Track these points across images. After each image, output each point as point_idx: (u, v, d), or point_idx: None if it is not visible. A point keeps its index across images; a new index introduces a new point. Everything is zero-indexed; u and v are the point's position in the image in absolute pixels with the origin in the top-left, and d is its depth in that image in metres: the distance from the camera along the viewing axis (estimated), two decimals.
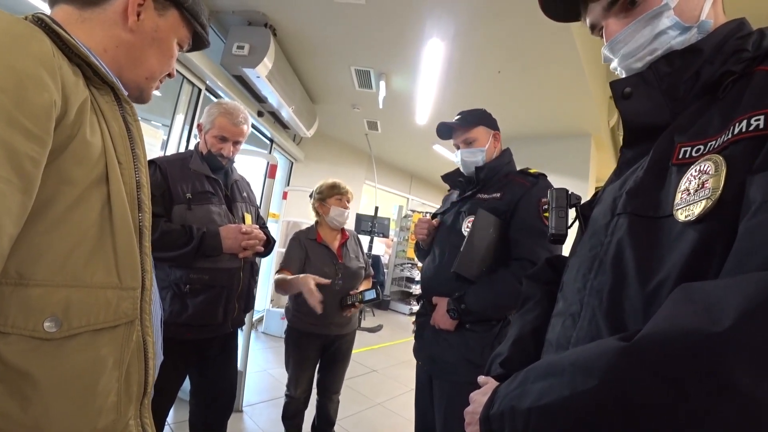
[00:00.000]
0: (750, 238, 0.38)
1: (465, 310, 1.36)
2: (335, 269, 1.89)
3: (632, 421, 0.36)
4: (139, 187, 0.60)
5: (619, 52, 0.62)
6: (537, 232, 1.33)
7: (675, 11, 0.56)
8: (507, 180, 1.46)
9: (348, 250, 2.00)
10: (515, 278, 1.30)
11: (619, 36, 0.60)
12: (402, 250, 7.38)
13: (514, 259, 1.35)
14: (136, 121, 0.64)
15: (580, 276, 0.59)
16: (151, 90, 0.72)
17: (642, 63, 0.60)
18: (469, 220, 1.43)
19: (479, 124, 1.52)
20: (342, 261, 1.93)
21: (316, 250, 1.92)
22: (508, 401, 0.49)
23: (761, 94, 0.45)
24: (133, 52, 0.65)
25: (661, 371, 0.35)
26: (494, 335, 1.36)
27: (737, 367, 0.31)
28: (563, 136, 4.54)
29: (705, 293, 0.36)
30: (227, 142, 1.52)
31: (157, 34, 0.67)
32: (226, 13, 2.91)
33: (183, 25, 0.71)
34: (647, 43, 0.58)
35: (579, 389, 0.40)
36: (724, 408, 0.31)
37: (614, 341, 0.41)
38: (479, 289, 1.36)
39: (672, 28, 0.56)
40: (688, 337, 0.34)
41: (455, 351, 1.38)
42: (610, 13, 0.61)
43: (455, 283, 1.39)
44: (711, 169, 0.45)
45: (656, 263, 0.47)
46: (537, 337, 0.70)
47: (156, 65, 0.69)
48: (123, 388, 0.57)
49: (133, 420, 0.59)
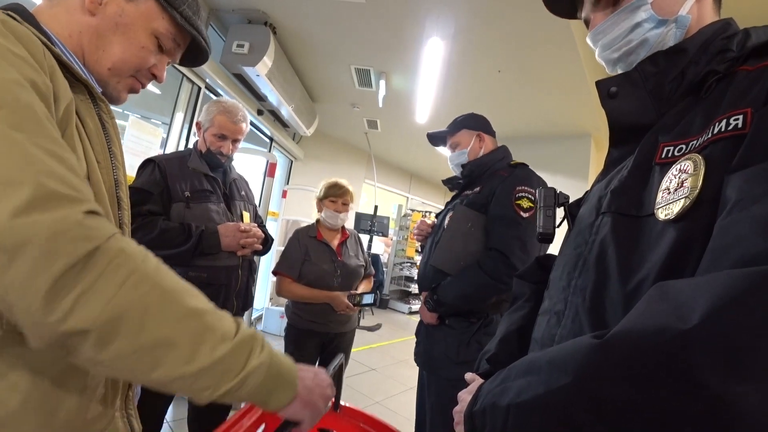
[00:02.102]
0: (723, 237, 0.38)
1: (437, 301, 1.40)
2: (334, 267, 1.90)
3: (604, 418, 0.36)
4: (117, 185, 0.61)
5: (598, 43, 0.65)
6: (508, 222, 1.33)
7: (653, 6, 0.58)
8: (492, 175, 1.49)
9: (347, 249, 2.01)
10: (482, 269, 1.32)
11: (599, 27, 0.63)
12: (401, 249, 7.38)
13: (487, 250, 1.36)
14: (112, 119, 0.63)
15: (565, 274, 0.60)
16: (119, 87, 0.65)
17: (618, 53, 0.62)
18: (449, 216, 1.48)
19: (462, 128, 1.59)
20: (341, 259, 1.94)
21: (316, 247, 1.93)
22: (490, 398, 0.50)
23: (741, 94, 0.46)
24: (95, 37, 0.60)
25: (630, 368, 0.35)
26: (472, 333, 1.37)
27: (704, 364, 0.31)
28: (563, 135, 4.53)
29: (677, 292, 0.36)
30: (226, 140, 1.53)
31: (122, 20, 0.61)
32: (225, 11, 2.91)
33: (161, 15, 0.64)
34: (624, 34, 0.61)
35: (554, 386, 0.40)
36: (691, 406, 0.31)
37: (588, 339, 0.41)
38: (450, 280, 1.39)
39: (647, 21, 0.59)
40: (656, 334, 0.34)
41: (438, 346, 1.42)
42: (598, 7, 0.64)
43: (437, 276, 1.43)
44: (690, 168, 0.45)
45: (637, 262, 0.48)
46: (524, 335, 0.71)
47: (119, 54, 0.61)
48: (110, 381, 0.57)
49: (119, 411, 0.60)
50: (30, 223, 0.37)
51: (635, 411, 0.34)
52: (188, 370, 0.45)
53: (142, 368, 0.44)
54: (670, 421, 0.33)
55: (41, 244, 0.37)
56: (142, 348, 0.43)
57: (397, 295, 7.36)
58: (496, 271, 1.29)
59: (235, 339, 0.49)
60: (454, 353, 1.36)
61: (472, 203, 1.44)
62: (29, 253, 0.37)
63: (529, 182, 1.38)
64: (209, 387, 0.47)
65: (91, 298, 0.39)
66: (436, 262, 1.43)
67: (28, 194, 0.38)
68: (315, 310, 1.84)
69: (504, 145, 1.60)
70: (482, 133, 1.58)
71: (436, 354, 1.42)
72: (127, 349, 0.42)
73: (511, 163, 1.51)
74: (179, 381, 0.45)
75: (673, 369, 0.32)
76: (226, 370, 0.48)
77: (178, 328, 0.45)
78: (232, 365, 0.48)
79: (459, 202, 1.50)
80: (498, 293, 1.33)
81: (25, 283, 0.37)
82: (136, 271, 0.43)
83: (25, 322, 0.39)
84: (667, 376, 0.32)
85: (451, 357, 1.36)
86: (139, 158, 1.61)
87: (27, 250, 0.37)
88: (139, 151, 2.32)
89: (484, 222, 1.39)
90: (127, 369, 0.44)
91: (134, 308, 0.42)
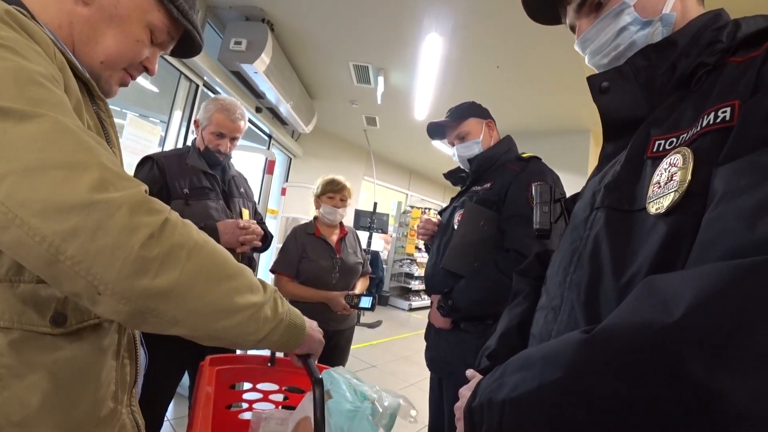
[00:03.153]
0: (710, 230, 0.39)
1: (452, 307, 1.32)
2: (333, 263, 1.89)
3: (595, 412, 0.37)
4: None
5: (587, 49, 0.65)
6: (525, 221, 1.24)
7: (636, 8, 0.59)
8: (502, 168, 1.41)
9: (346, 245, 2.00)
10: (501, 271, 1.25)
11: (586, 34, 0.64)
12: (401, 246, 7.39)
13: (504, 251, 1.30)
14: (110, 117, 0.62)
15: (561, 270, 0.61)
16: (111, 80, 0.64)
17: (608, 59, 0.63)
18: (459, 214, 1.40)
19: (469, 116, 1.49)
20: (340, 255, 1.93)
21: (315, 244, 1.92)
22: (487, 393, 0.50)
23: (730, 86, 0.45)
24: (87, 29, 0.58)
25: (617, 362, 0.35)
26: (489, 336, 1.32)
27: (689, 356, 0.31)
28: (562, 131, 4.53)
29: (663, 286, 0.36)
30: (224, 138, 1.52)
31: (117, 11, 0.59)
32: (223, 8, 2.90)
33: (157, 8, 0.62)
34: (611, 39, 0.61)
35: (546, 381, 0.41)
36: (679, 398, 0.32)
37: (577, 334, 0.41)
38: (466, 284, 1.32)
39: (632, 24, 0.59)
40: (643, 328, 0.34)
41: (453, 351, 1.36)
42: (581, 14, 0.65)
43: (448, 279, 1.37)
44: (680, 161, 0.45)
45: (630, 256, 0.48)
46: (523, 331, 0.71)
47: (113, 47, 0.60)
48: (119, 378, 0.58)
49: (125, 408, 0.61)
50: (109, 199, 0.41)
51: (625, 404, 0.34)
52: (240, 318, 0.52)
53: (210, 320, 0.49)
54: (659, 413, 0.33)
55: (124, 215, 0.42)
56: (212, 302, 0.49)
57: (397, 292, 7.37)
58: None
59: (266, 291, 0.58)
60: (472, 358, 1.30)
61: (483, 200, 1.36)
62: (115, 224, 0.41)
63: (543, 178, 1.32)
64: (255, 331, 0.55)
65: (171, 261, 0.45)
66: (448, 264, 1.35)
67: (97, 175, 0.41)
68: (314, 309, 1.82)
69: (508, 135, 1.53)
70: (491, 121, 1.50)
71: (451, 359, 1.35)
72: (200, 303, 0.48)
73: (523, 156, 1.42)
74: (235, 329, 0.52)
75: (659, 362, 0.33)
76: (266, 316, 0.56)
77: (235, 282, 0.52)
78: (268, 312, 0.57)
79: (468, 199, 1.42)
80: None
81: (114, 252, 0.41)
82: (198, 237, 0.49)
83: (114, 289, 0.42)
84: (653, 370, 0.33)
85: (469, 362, 1.27)
86: (137, 156, 1.61)
87: (112, 222, 0.41)
88: (137, 149, 2.32)
89: (496, 220, 1.32)
90: (199, 323, 0.49)
91: (203, 268, 0.48)
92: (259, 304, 0.55)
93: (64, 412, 0.49)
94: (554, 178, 1.37)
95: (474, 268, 1.32)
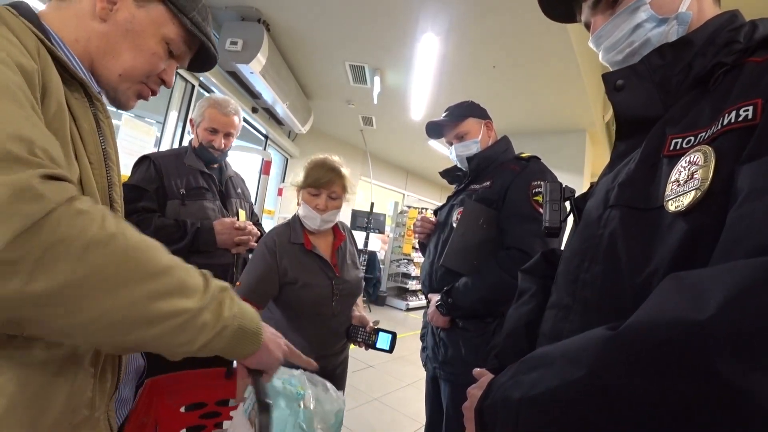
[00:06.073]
0: (736, 227, 0.38)
1: (453, 305, 1.32)
2: (332, 286, 1.32)
3: (619, 410, 0.36)
4: (110, 185, 0.60)
5: (601, 46, 0.65)
6: (526, 219, 1.27)
7: (652, 5, 0.59)
8: (501, 168, 1.42)
9: (345, 256, 1.44)
10: (502, 269, 1.25)
11: (601, 30, 0.64)
12: (398, 246, 7.39)
13: (504, 249, 1.30)
14: (108, 118, 0.62)
15: (572, 268, 0.60)
16: (128, 93, 0.65)
17: (622, 55, 0.63)
18: (458, 212, 1.41)
19: (468, 116, 1.50)
20: (340, 275, 1.36)
21: (304, 260, 1.32)
22: (501, 392, 0.49)
23: (751, 85, 0.45)
24: (104, 44, 0.60)
25: (645, 360, 0.35)
26: (490, 334, 1.31)
27: (720, 355, 0.30)
28: (558, 131, 4.55)
29: (692, 282, 0.36)
30: (218, 133, 1.52)
31: (132, 26, 0.61)
32: (219, 8, 2.88)
33: (171, 21, 0.64)
34: (626, 36, 0.61)
35: (568, 379, 0.40)
36: (708, 397, 0.31)
37: (602, 331, 0.41)
38: (467, 282, 1.32)
39: (648, 21, 0.59)
40: (672, 325, 0.34)
41: (451, 350, 1.36)
42: (597, 10, 0.65)
43: (448, 277, 1.37)
44: (700, 160, 0.45)
45: (647, 255, 0.48)
46: (531, 330, 0.70)
47: (130, 61, 0.62)
48: (98, 385, 0.56)
49: (102, 414, 0.59)
50: None
51: (650, 403, 0.34)
52: (163, 328, 0.44)
53: (117, 332, 0.42)
54: (687, 414, 0.32)
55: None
56: (118, 310, 0.41)
57: (394, 292, 7.36)
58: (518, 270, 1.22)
59: (208, 291, 0.50)
60: (473, 357, 1.29)
61: (482, 199, 1.36)
62: None
63: (543, 177, 1.33)
64: (188, 341, 0.47)
65: (52, 261, 0.37)
66: (448, 262, 1.34)
67: None
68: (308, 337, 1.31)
69: (505, 136, 1.54)
70: (489, 122, 1.51)
71: (451, 359, 1.35)
72: (98, 311, 0.40)
73: (522, 156, 1.44)
74: (157, 341, 0.45)
75: (689, 360, 0.32)
76: (204, 323, 0.48)
77: (157, 284, 0.44)
78: (207, 318, 0.48)
79: (467, 197, 1.42)
80: None
81: None
82: (99, 232, 0.41)
83: None
84: (683, 368, 0.32)
85: (469, 361, 1.25)
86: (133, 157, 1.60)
87: None
88: (133, 149, 2.30)
89: (496, 218, 1.33)
90: (101, 335, 0.42)
91: (105, 268, 0.40)
92: (192, 310, 0.46)
93: (32, 418, 0.46)
94: (553, 177, 1.38)
95: (474, 267, 1.33)
